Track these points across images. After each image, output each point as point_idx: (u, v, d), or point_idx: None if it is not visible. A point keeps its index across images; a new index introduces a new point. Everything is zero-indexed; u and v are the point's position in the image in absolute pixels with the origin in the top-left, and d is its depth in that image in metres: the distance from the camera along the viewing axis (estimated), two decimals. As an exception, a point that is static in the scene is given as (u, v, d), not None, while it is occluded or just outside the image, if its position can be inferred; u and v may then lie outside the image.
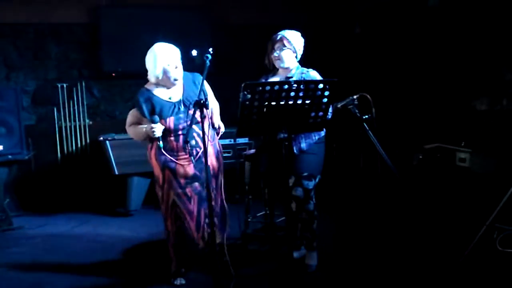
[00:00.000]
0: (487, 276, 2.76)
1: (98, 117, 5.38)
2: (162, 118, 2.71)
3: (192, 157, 2.71)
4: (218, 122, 2.91)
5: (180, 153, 2.74)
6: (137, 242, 3.80)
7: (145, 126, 2.73)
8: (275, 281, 2.88)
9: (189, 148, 2.68)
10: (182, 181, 2.77)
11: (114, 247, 3.68)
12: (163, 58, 2.68)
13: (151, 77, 2.76)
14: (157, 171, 2.81)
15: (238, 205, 3.82)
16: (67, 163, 5.21)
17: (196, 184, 2.78)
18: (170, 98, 2.77)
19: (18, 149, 4.40)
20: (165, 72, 2.71)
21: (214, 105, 2.92)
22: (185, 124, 2.71)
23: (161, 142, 2.68)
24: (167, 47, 2.72)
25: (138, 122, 2.82)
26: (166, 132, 2.71)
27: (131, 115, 2.86)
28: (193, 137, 2.74)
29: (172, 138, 2.73)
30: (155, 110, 2.72)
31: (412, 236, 3.50)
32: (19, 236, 4.11)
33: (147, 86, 2.83)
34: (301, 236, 3.06)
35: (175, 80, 2.76)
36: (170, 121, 2.71)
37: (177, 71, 2.74)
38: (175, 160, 2.73)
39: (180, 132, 2.71)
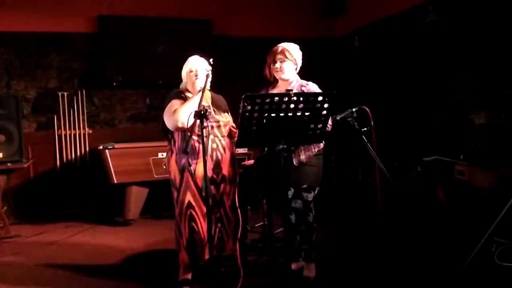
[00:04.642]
0: (485, 290, 2.76)
1: (97, 125, 5.40)
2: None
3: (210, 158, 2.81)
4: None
5: (200, 155, 2.78)
6: (136, 251, 3.79)
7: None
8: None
9: (210, 150, 2.82)
10: (200, 183, 2.82)
11: (113, 256, 3.67)
12: (188, 64, 2.97)
13: (182, 83, 3.02)
14: (174, 174, 2.89)
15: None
16: (66, 171, 5.21)
17: (212, 187, 2.85)
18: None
19: (17, 157, 4.41)
20: (188, 76, 2.94)
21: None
22: (208, 126, 2.77)
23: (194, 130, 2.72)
24: (195, 57, 2.99)
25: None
26: (191, 132, 2.72)
27: (174, 104, 2.85)
28: (215, 141, 2.87)
29: (195, 138, 2.78)
30: None
31: (411, 249, 3.50)
32: (17, 244, 4.10)
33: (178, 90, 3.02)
34: (300, 248, 3.05)
35: (194, 84, 2.87)
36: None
37: (197, 78, 2.88)
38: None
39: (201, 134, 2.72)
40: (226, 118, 2.99)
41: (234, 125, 3.07)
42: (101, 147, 4.66)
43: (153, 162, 4.63)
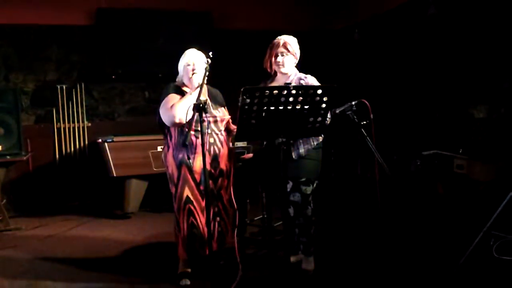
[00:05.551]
0: (483, 283, 2.77)
1: (97, 118, 5.39)
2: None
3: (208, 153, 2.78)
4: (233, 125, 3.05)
5: (198, 149, 2.78)
6: (135, 244, 3.80)
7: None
8: (272, 286, 2.88)
9: (207, 145, 2.79)
10: (198, 177, 2.82)
11: (112, 249, 3.68)
12: (185, 57, 2.91)
13: (178, 76, 2.98)
14: (171, 168, 2.88)
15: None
16: (65, 164, 5.21)
17: (210, 181, 2.82)
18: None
19: (16, 150, 4.40)
20: (184, 70, 2.88)
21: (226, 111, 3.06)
22: (206, 121, 2.73)
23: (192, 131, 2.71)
24: (193, 50, 2.94)
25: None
26: (188, 125, 2.72)
27: (171, 98, 2.82)
28: (212, 135, 2.85)
29: (193, 133, 2.76)
30: None
31: (410, 242, 3.51)
32: (16, 237, 4.10)
33: (175, 83, 2.98)
34: (298, 241, 3.06)
35: (191, 78, 2.82)
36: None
37: (195, 73, 2.83)
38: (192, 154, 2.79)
39: (199, 128, 2.71)
40: (223, 113, 2.97)
41: (230, 119, 3.04)
42: (100, 140, 4.65)
43: (152, 155, 4.63)
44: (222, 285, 2.70)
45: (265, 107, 2.32)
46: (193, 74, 2.83)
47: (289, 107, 2.36)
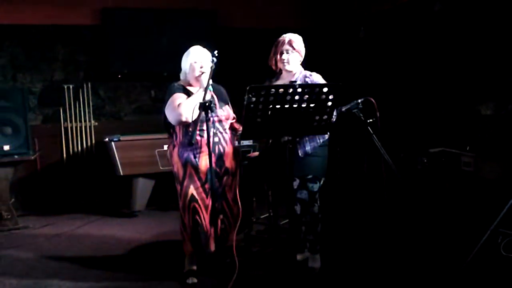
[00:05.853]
0: (490, 281, 2.75)
1: (103, 118, 5.42)
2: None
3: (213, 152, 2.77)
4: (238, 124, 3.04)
5: (203, 148, 2.78)
6: (142, 242, 3.82)
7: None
8: (278, 284, 2.88)
9: (212, 144, 2.75)
10: (203, 176, 2.82)
11: (119, 247, 3.70)
12: (192, 55, 2.90)
13: (182, 73, 2.97)
14: (177, 167, 2.88)
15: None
16: (73, 163, 5.24)
17: (215, 180, 2.83)
18: None
19: (24, 149, 4.43)
20: (191, 68, 2.87)
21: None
22: (211, 120, 2.73)
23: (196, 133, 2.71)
24: (199, 48, 2.93)
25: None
26: (194, 125, 2.73)
27: (177, 97, 2.82)
28: (217, 135, 2.85)
29: (198, 132, 2.76)
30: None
31: (416, 240, 3.49)
32: (24, 236, 4.14)
33: (179, 82, 2.98)
34: (305, 238, 3.06)
35: (199, 77, 2.82)
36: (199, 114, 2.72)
37: (203, 73, 2.83)
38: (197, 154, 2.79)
39: (204, 128, 2.71)
40: (227, 112, 2.97)
41: (235, 115, 3.03)
42: (107, 139, 4.68)
43: (159, 154, 4.64)
44: (228, 282, 2.71)
45: (271, 106, 2.33)
46: (201, 73, 2.83)
47: (294, 106, 2.36)
